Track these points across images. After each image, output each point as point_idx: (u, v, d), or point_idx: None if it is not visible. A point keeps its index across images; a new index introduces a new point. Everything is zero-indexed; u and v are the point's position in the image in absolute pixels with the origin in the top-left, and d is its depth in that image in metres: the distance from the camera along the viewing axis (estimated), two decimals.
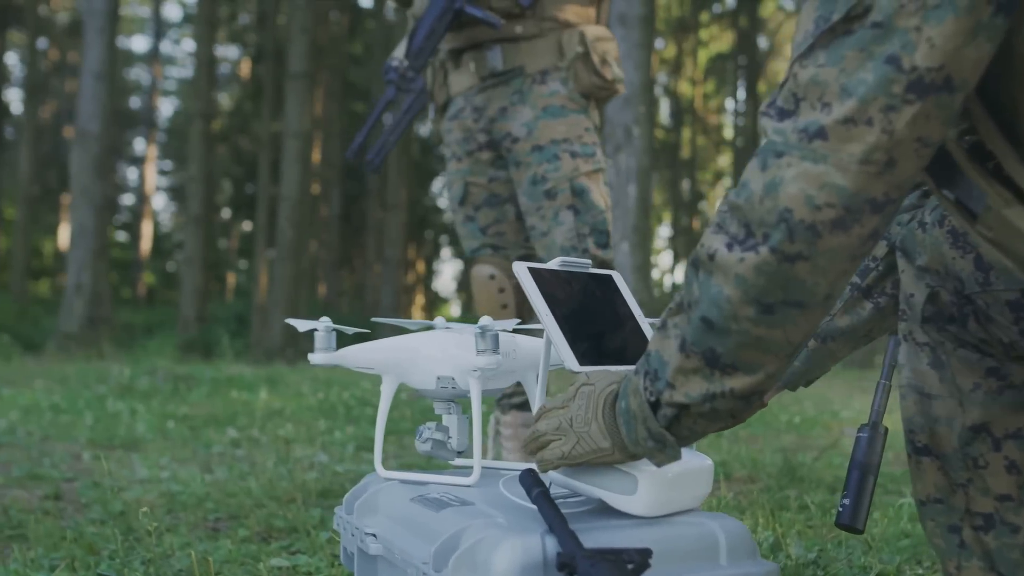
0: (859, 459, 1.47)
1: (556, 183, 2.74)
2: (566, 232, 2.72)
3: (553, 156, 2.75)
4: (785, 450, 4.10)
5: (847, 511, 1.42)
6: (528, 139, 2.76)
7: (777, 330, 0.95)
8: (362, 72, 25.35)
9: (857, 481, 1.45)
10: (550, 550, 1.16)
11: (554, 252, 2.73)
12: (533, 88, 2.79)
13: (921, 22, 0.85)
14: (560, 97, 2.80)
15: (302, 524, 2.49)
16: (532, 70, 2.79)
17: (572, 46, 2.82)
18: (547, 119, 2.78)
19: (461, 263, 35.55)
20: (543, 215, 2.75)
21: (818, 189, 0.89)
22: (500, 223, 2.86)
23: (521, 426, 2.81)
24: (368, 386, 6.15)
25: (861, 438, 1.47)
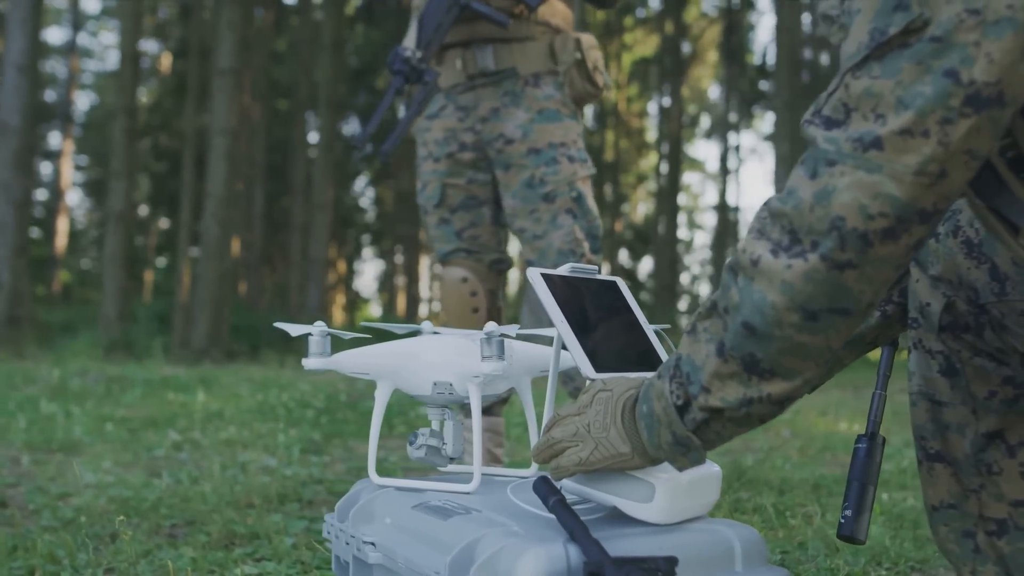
0: (858, 470, 1.48)
1: (556, 187, 2.73)
2: (564, 236, 2.72)
3: (551, 160, 2.74)
4: (731, 452, 4.14)
5: (849, 523, 1.43)
6: (524, 141, 2.75)
7: (819, 336, 0.96)
8: (285, 70, 25.07)
9: (857, 492, 1.46)
10: (573, 559, 1.15)
11: (550, 255, 2.72)
12: (526, 91, 2.78)
13: (980, 37, 0.86)
14: (555, 101, 2.80)
15: (264, 530, 2.45)
16: (525, 72, 2.78)
17: (568, 52, 2.82)
18: (543, 122, 2.77)
19: (383, 263, 35.33)
20: (538, 218, 2.74)
21: (872, 198, 0.90)
22: (476, 227, 2.83)
23: (487, 431, 2.79)
24: (306, 388, 6.07)
25: (859, 449, 1.49)
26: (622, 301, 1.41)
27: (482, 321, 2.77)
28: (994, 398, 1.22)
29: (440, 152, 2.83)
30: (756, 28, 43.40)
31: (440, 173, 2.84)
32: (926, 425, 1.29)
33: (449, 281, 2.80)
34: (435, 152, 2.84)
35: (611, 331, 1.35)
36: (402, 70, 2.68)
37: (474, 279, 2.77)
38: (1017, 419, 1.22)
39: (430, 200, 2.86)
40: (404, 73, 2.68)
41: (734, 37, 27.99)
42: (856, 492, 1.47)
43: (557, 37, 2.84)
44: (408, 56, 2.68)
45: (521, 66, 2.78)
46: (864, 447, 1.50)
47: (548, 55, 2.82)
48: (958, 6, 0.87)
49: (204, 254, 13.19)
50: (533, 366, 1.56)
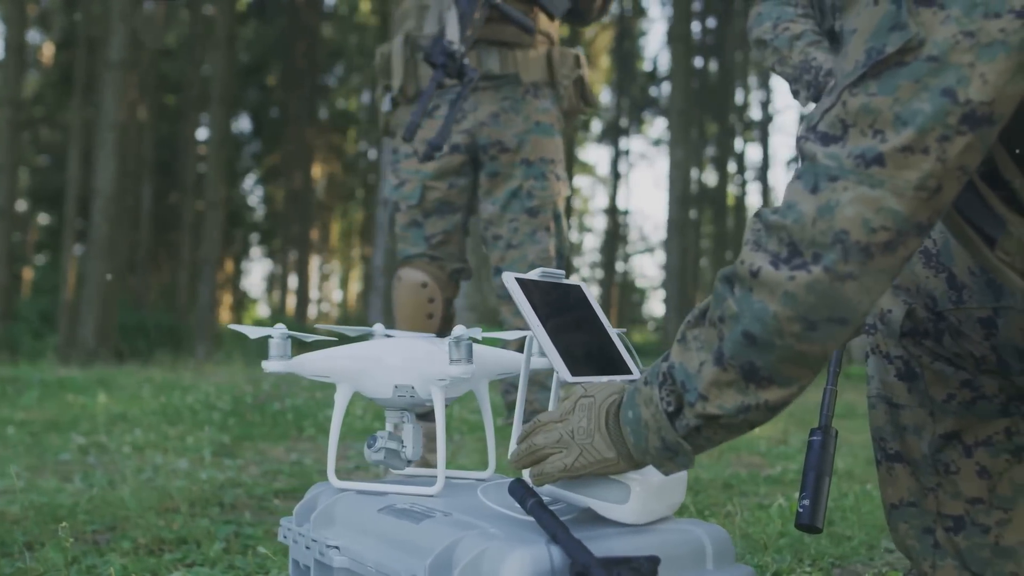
0: (814, 462, 1.53)
1: (541, 203, 2.76)
2: (540, 251, 2.76)
3: (541, 175, 2.77)
4: None
5: (807, 511, 1.48)
6: (518, 151, 2.76)
7: (818, 345, 0.99)
8: (175, 64, 24.50)
9: (814, 483, 1.51)
10: (556, 560, 1.16)
11: (522, 267, 2.76)
12: (526, 99, 2.78)
13: (975, 59, 0.90)
14: (551, 115, 2.83)
15: (191, 535, 2.41)
16: (526, 80, 2.78)
17: (568, 67, 2.84)
18: (539, 135, 2.79)
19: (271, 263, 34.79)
20: (517, 228, 2.75)
21: (874, 213, 0.93)
22: (446, 233, 2.81)
23: (424, 436, 2.78)
24: (210, 390, 5.96)
25: (814, 442, 1.54)
26: (587, 305, 1.44)
27: (435, 328, 2.76)
28: (952, 401, 1.28)
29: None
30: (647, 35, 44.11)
31: (423, 174, 2.79)
32: (885, 427, 1.34)
33: (408, 284, 2.77)
34: (422, 151, 2.79)
35: (580, 335, 1.37)
36: (444, 64, 2.63)
37: (434, 285, 2.75)
38: (974, 421, 1.28)
39: (407, 199, 2.81)
40: (445, 66, 2.64)
41: (626, 43, 28.39)
42: (813, 482, 1.52)
43: (554, 49, 2.86)
44: (454, 50, 2.63)
45: (523, 73, 2.78)
46: (819, 439, 1.55)
47: (546, 66, 2.84)
48: (953, 27, 0.91)
49: (92, 252, 12.81)
50: (491, 369, 1.57)
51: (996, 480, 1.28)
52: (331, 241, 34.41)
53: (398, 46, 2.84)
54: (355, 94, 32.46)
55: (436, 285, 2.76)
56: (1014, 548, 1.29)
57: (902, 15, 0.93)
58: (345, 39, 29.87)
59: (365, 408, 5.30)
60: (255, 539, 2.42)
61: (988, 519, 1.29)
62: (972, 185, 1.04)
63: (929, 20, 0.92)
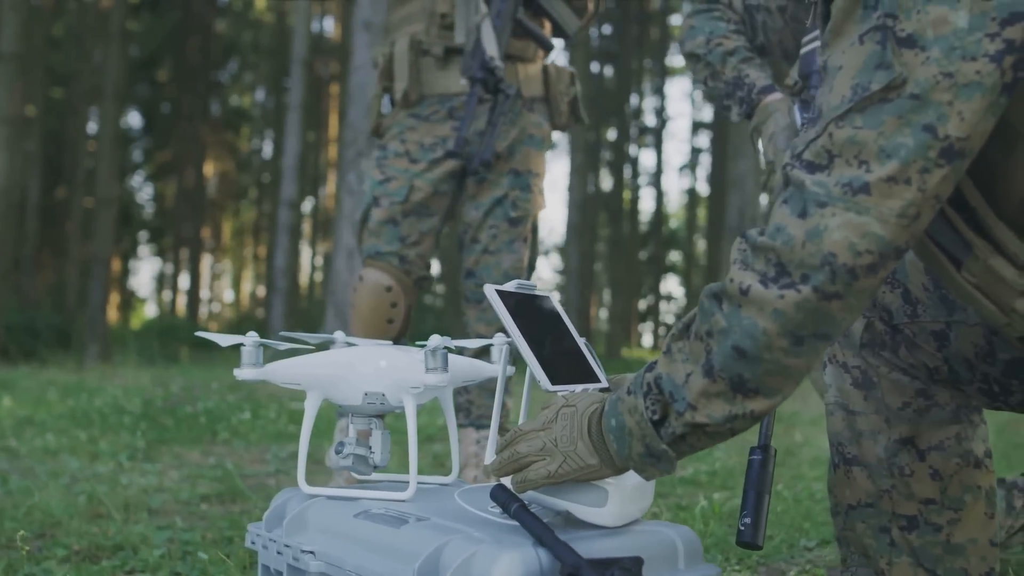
0: (754, 480, 1.60)
1: (523, 214, 2.79)
2: (514, 261, 2.80)
3: (527, 186, 2.80)
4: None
5: (749, 530, 1.55)
6: (508, 160, 2.78)
7: (803, 359, 1.06)
8: (61, 57, 23.82)
9: (754, 501, 1.58)
10: (545, 562, 1.21)
11: (496, 273, 2.78)
12: (523, 112, 2.81)
13: (953, 97, 0.99)
14: (543, 130, 2.86)
15: (127, 541, 2.39)
16: (526, 94, 2.80)
17: (564, 84, 2.87)
18: (530, 148, 2.82)
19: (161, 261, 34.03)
20: (495, 235, 2.78)
21: (860, 237, 1.01)
22: (421, 235, 2.81)
23: None
24: (118, 393, 5.85)
25: (754, 460, 1.60)
26: (557, 315, 1.49)
27: (394, 333, 2.76)
28: (907, 408, 1.37)
29: (422, 156, 2.77)
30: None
31: (412, 174, 2.78)
32: (843, 432, 1.43)
33: (372, 285, 2.75)
34: (415, 154, 2.78)
35: (555, 345, 1.42)
36: (484, 79, 2.62)
37: (399, 290, 2.74)
38: (927, 427, 1.37)
39: (391, 196, 2.78)
40: (485, 81, 2.63)
41: None
42: (753, 501, 1.59)
43: (550, 66, 2.89)
44: (495, 66, 2.62)
45: (524, 88, 2.80)
46: (759, 458, 1.63)
47: (542, 82, 2.87)
48: (934, 68, 0.99)
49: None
50: (457, 377, 1.61)
51: (947, 482, 1.38)
52: (223, 240, 33.85)
53: (403, 50, 2.80)
54: (249, 91, 32.02)
55: (401, 290, 2.75)
56: (963, 545, 1.39)
57: (887, 55, 1.01)
58: (240, 35, 29.44)
59: (279, 412, 5.27)
60: (194, 544, 2.41)
61: (940, 519, 1.39)
62: (941, 211, 1.13)
63: (911, 61, 1.00)
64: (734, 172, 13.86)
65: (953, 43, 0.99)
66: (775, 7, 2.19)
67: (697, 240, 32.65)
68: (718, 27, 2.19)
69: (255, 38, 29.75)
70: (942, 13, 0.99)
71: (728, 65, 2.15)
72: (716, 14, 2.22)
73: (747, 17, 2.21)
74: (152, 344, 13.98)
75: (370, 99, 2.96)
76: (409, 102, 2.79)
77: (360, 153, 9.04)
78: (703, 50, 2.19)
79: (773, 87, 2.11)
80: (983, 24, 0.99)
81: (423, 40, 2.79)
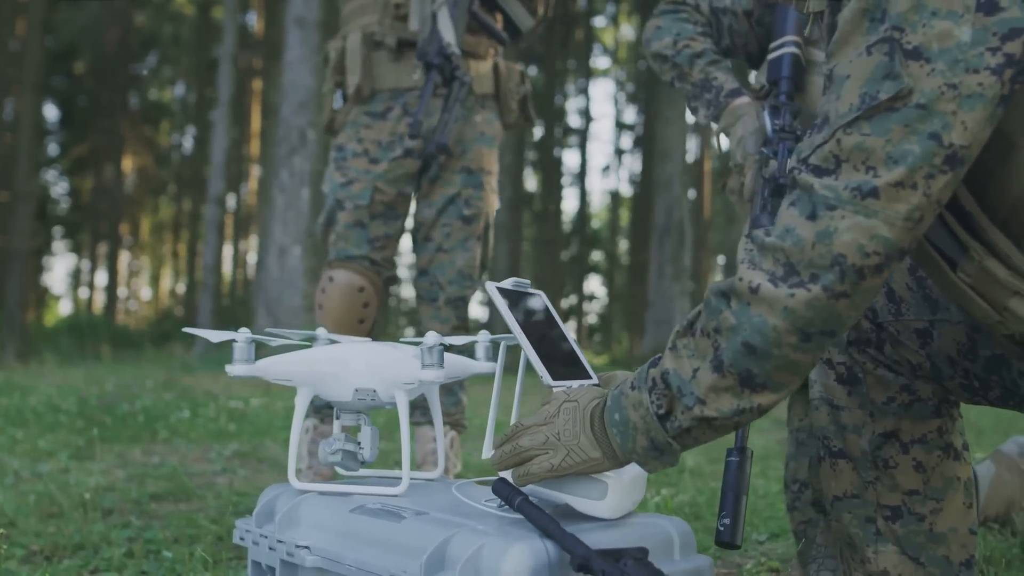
0: (732, 482, 1.65)
1: (477, 212, 2.79)
2: (468, 259, 2.80)
3: (479, 184, 2.80)
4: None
5: (728, 530, 1.59)
6: (461, 158, 2.77)
7: (809, 355, 1.11)
8: None
9: (733, 502, 1.63)
10: (552, 554, 1.24)
11: (450, 272, 2.78)
12: (475, 109, 2.80)
13: (957, 108, 1.04)
14: (495, 128, 2.86)
15: (87, 541, 2.36)
16: (477, 91, 2.80)
17: (514, 82, 2.87)
18: (482, 145, 2.81)
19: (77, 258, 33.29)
20: (449, 233, 2.78)
21: (868, 239, 1.06)
22: (388, 238, 2.80)
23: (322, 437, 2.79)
24: (52, 391, 5.73)
25: (732, 462, 1.65)
26: (549, 312, 1.52)
27: (365, 332, 2.76)
28: (892, 403, 1.43)
29: (382, 155, 2.77)
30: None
31: (375, 175, 2.77)
32: (828, 427, 1.48)
33: (344, 286, 2.74)
34: (374, 153, 2.77)
35: (553, 341, 1.45)
36: (440, 65, 2.61)
37: (371, 291, 2.74)
38: (910, 421, 1.43)
39: (355, 199, 2.77)
40: (441, 68, 2.61)
41: None
42: (732, 502, 1.64)
43: (500, 63, 2.89)
44: (452, 53, 2.61)
45: (475, 85, 2.80)
46: (736, 460, 1.68)
47: (493, 79, 2.87)
48: (939, 79, 1.04)
49: None
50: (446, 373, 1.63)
51: (930, 474, 1.44)
52: (141, 237, 33.24)
53: (355, 43, 2.79)
54: (169, 85, 31.50)
55: (373, 290, 2.75)
56: (945, 534, 1.45)
57: (895, 66, 1.06)
58: (160, 28, 28.93)
59: (218, 411, 5.22)
60: (156, 543, 2.39)
61: (923, 508, 1.45)
62: (938, 214, 1.18)
63: (917, 72, 1.05)
64: (662, 174, 14.03)
65: (957, 56, 1.04)
66: (741, 11, 2.24)
67: (619, 240, 32.95)
68: (685, 29, 2.23)
69: (176, 31, 29.26)
70: (946, 27, 1.05)
71: (696, 67, 2.19)
72: (683, 16, 2.25)
73: (714, 20, 2.25)
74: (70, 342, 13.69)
75: (322, 94, 2.95)
76: (361, 97, 2.78)
77: (293, 150, 8.97)
78: (671, 51, 2.22)
79: (741, 90, 2.16)
80: (985, 39, 1.04)
81: (376, 32, 2.79)
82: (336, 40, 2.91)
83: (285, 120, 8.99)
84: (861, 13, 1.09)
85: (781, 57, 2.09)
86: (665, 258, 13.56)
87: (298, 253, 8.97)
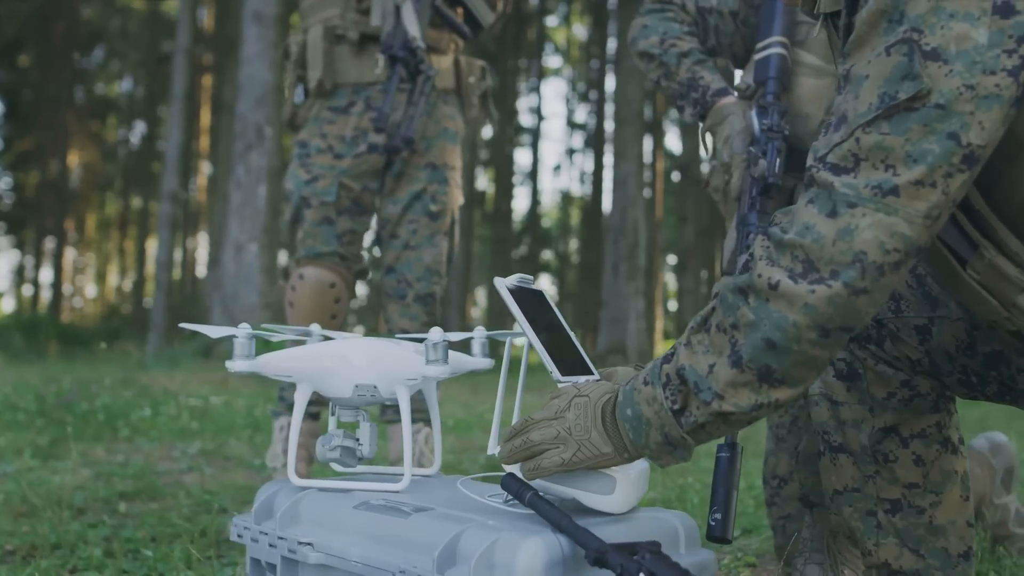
0: (723, 477, 1.67)
1: (443, 208, 2.77)
2: (435, 255, 2.78)
3: (444, 180, 2.78)
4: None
5: (719, 525, 1.61)
6: (425, 154, 2.75)
7: (827, 351, 1.12)
8: None
9: (724, 497, 1.65)
10: (566, 548, 1.24)
11: (418, 268, 2.76)
12: (438, 104, 2.78)
13: (975, 108, 1.06)
14: (457, 123, 2.84)
15: (64, 540, 2.34)
16: (439, 86, 2.78)
17: (476, 77, 2.85)
18: (446, 141, 2.79)
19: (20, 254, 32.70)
20: (416, 230, 2.76)
21: (889, 237, 1.08)
22: (354, 233, 2.77)
23: (309, 435, 2.76)
24: (7, 390, 5.63)
25: (722, 458, 1.67)
26: (551, 308, 1.52)
27: (336, 328, 2.74)
28: (892, 399, 1.45)
29: (346, 151, 2.73)
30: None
31: (340, 171, 2.74)
32: (828, 422, 1.50)
33: (315, 283, 2.72)
34: (338, 148, 2.74)
35: (558, 337, 1.46)
36: (406, 59, 2.58)
37: (342, 286, 2.72)
38: (909, 416, 1.46)
39: (321, 195, 2.74)
40: (406, 61, 2.59)
41: None
42: (723, 497, 1.66)
43: (461, 58, 2.88)
44: (417, 46, 2.58)
45: (437, 79, 2.77)
46: (727, 455, 1.70)
47: (454, 74, 2.85)
48: (957, 80, 1.07)
49: None
50: None
51: (929, 467, 1.47)
52: (87, 233, 32.78)
53: (316, 37, 2.77)
54: (116, 79, 31.11)
55: (344, 286, 2.74)
56: (944, 527, 1.48)
57: (915, 67, 1.07)
58: (107, 22, 28.54)
59: (179, 409, 5.17)
60: (134, 542, 2.37)
61: (923, 502, 1.47)
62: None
63: (935, 73, 1.07)
64: (617, 173, 14.09)
65: (974, 58, 1.06)
66: (727, 11, 2.26)
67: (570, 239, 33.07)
68: (672, 28, 2.24)
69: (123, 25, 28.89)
70: (964, 29, 1.07)
71: (683, 66, 2.20)
72: (669, 15, 2.26)
73: (700, 20, 2.27)
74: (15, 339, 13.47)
75: (286, 87, 2.92)
76: (323, 91, 2.76)
77: (250, 146, 8.89)
78: (658, 50, 2.23)
79: (727, 90, 2.18)
80: (1001, 41, 1.06)
81: (338, 25, 2.76)
82: (297, 34, 2.89)
83: (242, 116, 8.90)
84: (879, 14, 1.11)
85: (768, 58, 2.11)
86: (620, 257, 13.62)
87: (255, 250, 8.89)
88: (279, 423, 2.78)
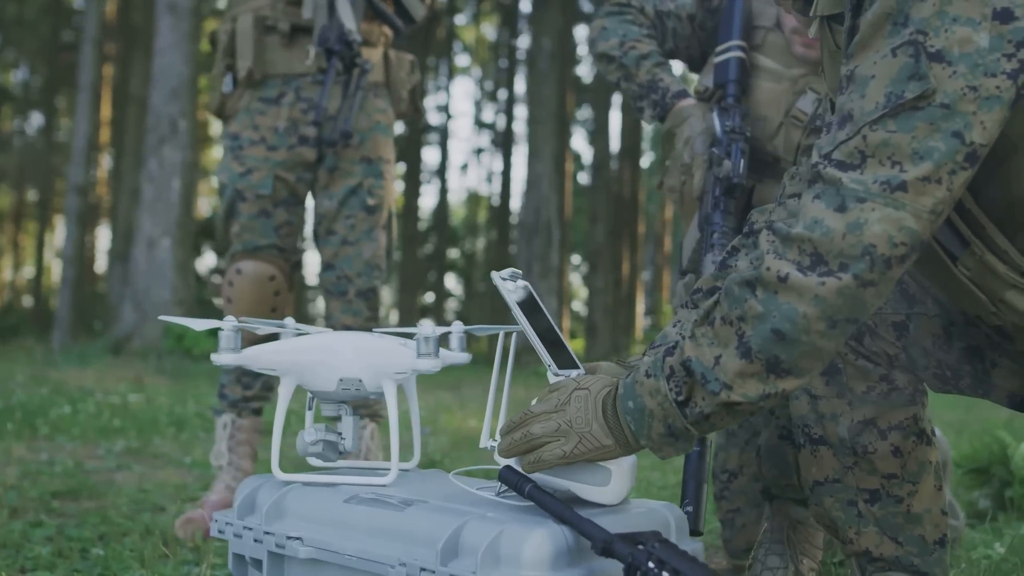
0: (693, 471, 1.72)
1: (379, 202, 2.74)
2: (375, 250, 2.75)
3: (379, 174, 2.75)
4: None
5: (691, 517, 1.65)
6: (359, 148, 2.71)
7: (833, 342, 1.16)
8: None
9: (695, 491, 1.69)
10: (569, 538, 1.26)
11: (357, 264, 2.72)
12: (369, 97, 2.74)
13: (977, 108, 1.12)
14: (389, 116, 2.81)
15: (8, 540, 2.28)
16: (370, 79, 2.74)
17: (406, 71, 2.82)
18: (378, 134, 2.76)
19: None
20: (353, 225, 2.72)
21: (897, 230, 1.12)
22: (291, 225, 2.73)
23: (253, 431, 2.72)
24: None
25: (693, 452, 1.71)
26: (538, 303, 1.54)
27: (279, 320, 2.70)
28: (871, 392, 1.50)
29: (279, 142, 2.68)
30: None
31: (274, 163, 2.69)
32: (808, 415, 1.55)
33: (255, 277, 2.67)
34: (271, 140, 2.69)
35: (549, 331, 1.47)
36: (340, 51, 2.54)
37: (281, 279, 2.68)
38: (887, 409, 1.51)
39: (257, 188, 2.69)
40: (342, 54, 2.55)
41: None
42: (694, 490, 1.70)
43: (391, 52, 2.85)
44: (353, 39, 2.54)
45: (370, 72, 2.75)
46: (697, 450, 1.74)
47: (384, 67, 2.83)
48: (960, 82, 1.11)
49: None
50: None
51: (906, 458, 1.52)
52: None
53: (247, 26, 2.71)
54: (11, 68, 30.14)
55: (283, 278, 2.70)
56: (920, 515, 1.54)
57: (921, 67, 1.12)
58: (3, 9, 27.65)
59: (98, 407, 5.05)
60: (81, 541, 2.32)
61: (901, 491, 1.53)
62: None
63: (940, 74, 1.12)
64: (532, 173, 14.16)
65: (977, 60, 1.12)
66: (685, 15, 2.30)
67: (477, 238, 33.09)
68: (631, 31, 2.27)
69: (19, 12, 28.01)
70: (967, 33, 1.12)
71: (642, 68, 2.24)
72: (628, 18, 2.30)
73: (658, 23, 2.31)
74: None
75: (212, 77, 2.86)
76: (253, 81, 2.72)
77: (163, 139, 8.71)
78: (617, 52, 2.26)
79: (686, 92, 2.22)
80: (1001, 45, 1.12)
81: (268, 16, 2.73)
82: (226, 22, 2.84)
83: (155, 108, 8.71)
84: (884, 17, 1.16)
85: (728, 61, 2.16)
86: (533, 256, 13.70)
87: (167, 245, 8.69)
88: (222, 421, 2.73)
